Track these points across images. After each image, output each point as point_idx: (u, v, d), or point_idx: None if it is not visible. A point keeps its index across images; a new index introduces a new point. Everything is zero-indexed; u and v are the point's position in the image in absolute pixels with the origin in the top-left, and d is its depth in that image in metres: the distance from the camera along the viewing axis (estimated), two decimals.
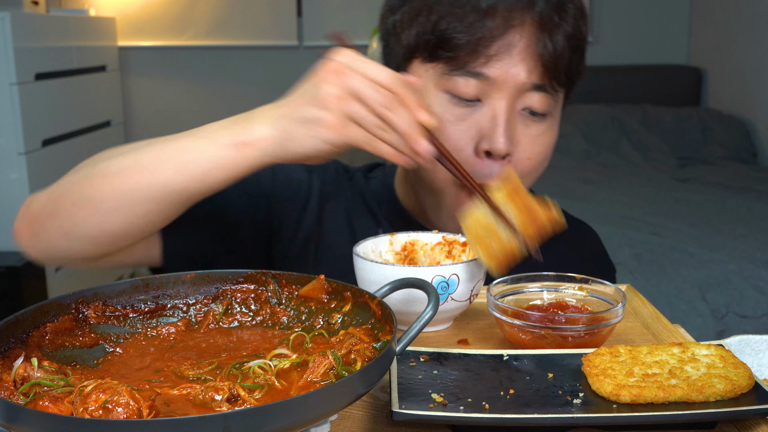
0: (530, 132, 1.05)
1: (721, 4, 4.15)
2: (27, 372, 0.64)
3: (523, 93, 1.03)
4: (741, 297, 2.33)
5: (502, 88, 1.02)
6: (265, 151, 0.87)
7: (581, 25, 1.05)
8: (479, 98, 1.03)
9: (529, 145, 1.05)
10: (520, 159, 1.05)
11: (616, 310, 0.85)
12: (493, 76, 1.01)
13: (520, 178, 1.05)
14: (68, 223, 0.95)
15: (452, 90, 1.03)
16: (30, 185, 2.99)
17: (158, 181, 0.90)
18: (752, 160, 3.87)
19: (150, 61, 4.16)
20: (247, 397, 0.61)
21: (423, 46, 1.04)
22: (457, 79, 1.02)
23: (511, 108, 1.03)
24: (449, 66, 1.02)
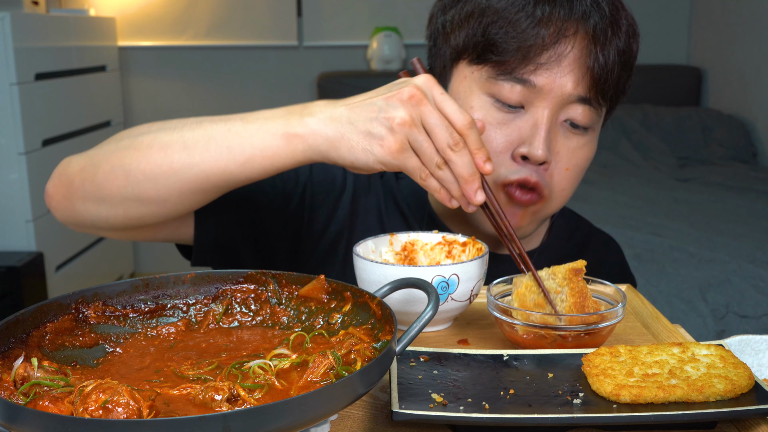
0: (570, 144, 1.06)
1: (721, 4, 4.15)
2: (27, 372, 0.64)
3: (568, 104, 1.03)
4: (741, 297, 2.33)
5: (547, 97, 1.02)
6: (315, 148, 0.87)
7: (633, 42, 1.06)
8: (523, 105, 1.03)
9: (568, 157, 1.06)
10: (559, 169, 1.06)
11: (616, 310, 0.85)
12: (539, 84, 1.01)
13: (558, 190, 1.07)
14: (104, 189, 0.94)
15: (497, 94, 1.03)
16: (30, 185, 2.99)
17: (200, 160, 0.90)
18: (752, 160, 3.87)
19: (150, 61, 4.17)
20: (247, 397, 0.61)
21: (472, 48, 1.04)
22: (502, 83, 1.02)
23: (554, 118, 1.03)
24: (496, 70, 1.02)
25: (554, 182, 1.06)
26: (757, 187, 3.25)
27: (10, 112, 2.92)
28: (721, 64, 4.18)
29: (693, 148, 3.91)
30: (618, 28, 1.03)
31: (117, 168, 0.93)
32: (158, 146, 0.92)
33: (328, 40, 4.27)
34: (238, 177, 0.91)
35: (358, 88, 0.93)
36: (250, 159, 0.88)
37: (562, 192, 1.08)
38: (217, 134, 0.90)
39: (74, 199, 0.98)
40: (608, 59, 1.02)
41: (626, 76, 1.07)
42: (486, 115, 1.04)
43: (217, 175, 0.90)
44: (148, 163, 0.92)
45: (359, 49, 4.27)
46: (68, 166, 1.00)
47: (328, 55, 4.25)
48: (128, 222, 0.97)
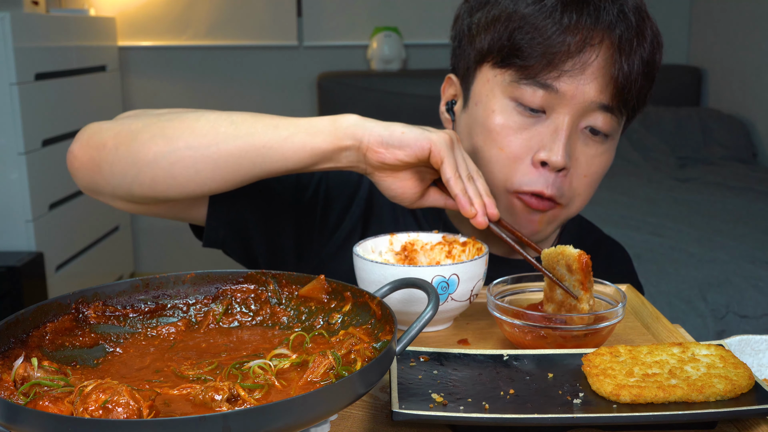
0: (589, 151, 1.06)
1: (721, 4, 4.15)
2: (27, 372, 0.64)
3: (589, 112, 1.03)
4: (741, 297, 2.33)
5: (570, 103, 1.02)
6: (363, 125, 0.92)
7: (657, 53, 1.06)
8: (544, 110, 1.04)
9: (587, 164, 1.06)
10: (577, 176, 1.06)
11: (616, 310, 0.85)
12: (562, 90, 1.01)
13: (575, 196, 1.08)
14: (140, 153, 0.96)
15: (519, 98, 1.04)
16: (30, 185, 2.99)
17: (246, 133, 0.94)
18: (752, 160, 3.87)
19: (150, 61, 4.16)
20: (247, 397, 0.61)
21: (497, 52, 1.04)
22: (525, 88, 1.03)
23: (575, 125, 1.04)
24: (520, 74, 1.03)
25: (573, 189, 1.07)
26: (757, 187, 3.25)
27: (10, 112, 2.92)
28: (721, 64, 4.18)
29: (693, 148, 3.91)
30: (643, 38, 1.03)
31: (158, 136, 0.96)
32: (204, 120, 0.96)
33: (328, 40, 4.27)
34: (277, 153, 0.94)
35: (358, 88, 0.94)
36: (293, 135, 0.93)
37: (579, 198, 1.09)
38: (263, 118, 0.96)
39: (103, 163, 0.99)
40: (632, 69, 1.02)
41: (648, 86, 1.07)
42: (507, 119, 1.04)
43: (258, 149, 0.93)
44: (193, 133, 0.95)
45: (359, 49, 4.27)
46: (99, 131, 1.01)
47: (328, 55, 4.25)
48: (150, 193, 0.98)
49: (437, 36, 4.17)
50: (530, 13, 1.01)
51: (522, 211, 1.07)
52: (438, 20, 4.09)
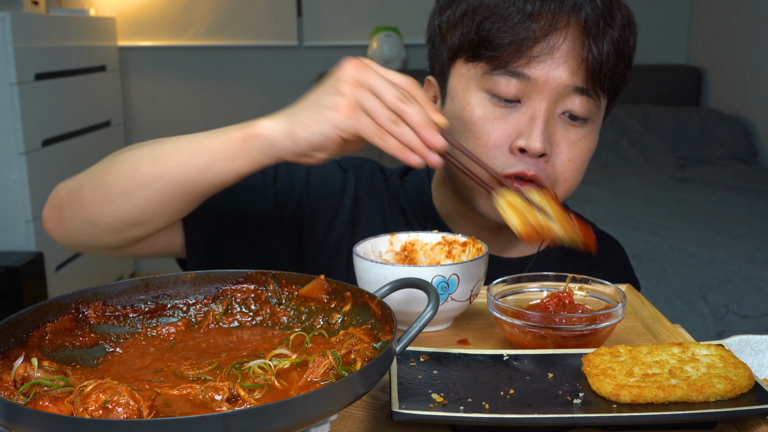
0: (570, 136, 1.06)
1: (721, 4, 4.15)
2: (27, 372, 0.64)
3: (565, 96, 1.04)
4: (741, 297, 2.33)
5: (543, 89, 1.02)
6: (273, 142, 0.87)
7: (629, 33, 1.07)
8: (519, 99, 1.04)
9: (569, 148, 1.06)
10: (561, 161, 1.06)
11: (616, 310, 0.85)
12: (534, 77, 1.02)
13: (561, 180, 1.07)
14: (87, 209, 0.97)
15: (493, 90, 1.04)
16: (30, 185, 2.99)
17: (167, 170, 0.92)
18: (752, 160, 3.87)
19: (150, 61, 4.16)
20: (247, 397, 0.61)
21: (467, 46, 1.05)
22: (498, 78, 1.03)
23: (551, 110, 1.04)
24: (491, 65, 1.03)
25: (557, 173, 1.06)
26: (757, 187, 3.25)
27: (10, 112, 2.92)
28: (721, 64, 4.18)
29: (693, 148, 3.91)
30: (612, 19, 1.03)
31: (97, 187, 0.97)
32: (131, 162, 0.95)
33: (328, 40, 4.26)
34: (202, 183, 0.92)
35: None
36: (212, 164, 0.90)
37: (566, 183, 1.08)
38: (182, 145, 0.93)
39: (65, 222, 1.02)
40: (602, 50, 1.02)
41: (624, 66, 1.07)
42: (483, 111, 1.05)
43: (182, 183, 0.92)
44: (122, 178, 0.95)
45: (359, 49, 4.27)
46: (59, 191, 1.03)
47: (328, 55, 4.25)
48: (117, 240, 1.00)
49: None
50: (495, 3, 1.02)
51: None
52: None
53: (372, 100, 0.83)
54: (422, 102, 0.85)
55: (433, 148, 0.83)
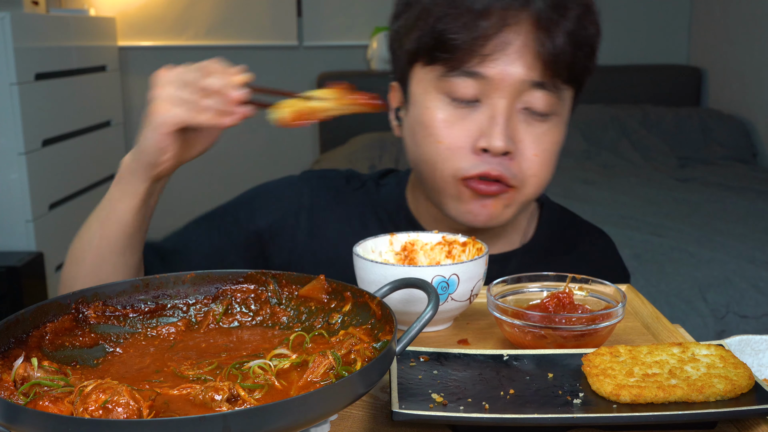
0: (534, 131, 1.05)
1: (721, 4, 4.15)
2: (27, 372, 0.64)
3: (524, 91, 1.03)
4: (741, 297, 2.33)
5: (500, 87, 1.02)
6: (131, 168, 0.97)
7: (586, 23, 1.05)
8: (478, 99, 1.03)
9: (534, 144, 1.05)
10: (526, 157, 1.05)
11: (616, 310, 0.85)
12: (489, 75, 1.01)
13: (529, 177, 1.06)
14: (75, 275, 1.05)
15: (451, 91, 1.04)
16: (30, 185, 2.99)
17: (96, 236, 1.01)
18: (752, 160, 3.87)
19: (150, 61, 4.16)
20: (247, 397, 0.61)
21: (423, 50, 1.05)
22: (455, 80, 1.03)
23: (511, 107, 1.03)
24: (447, 67, 1.03)
25: (523, 169, 1.05)
26: (757, 187, 3.25)
27: (10, 112, 2.92)
28: (721, 64, 4.18)
29: (693, 148, 3.91)
30: (565, 9, 1.02)
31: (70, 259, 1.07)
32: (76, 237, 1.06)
33: (328, 40, 4.26)
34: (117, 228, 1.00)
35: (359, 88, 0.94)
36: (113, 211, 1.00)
37: (534, 178, 1.07)
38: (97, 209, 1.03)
39: None
40: (557, 43, 1.01)
41: (583, 56, 1.05)
42: (443, 114, 1.04)
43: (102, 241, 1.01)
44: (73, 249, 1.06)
45: (359, 49, 4.27)
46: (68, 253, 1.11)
47: (328, 55, 4.25)
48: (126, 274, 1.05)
49: None
50: (446, 5, 1.02)
51: (472, 199, 1.06)
52: None
53: (175, 90, 0.91)
54: (220, 70, 0.91)
55: (237, 102, 0.89)
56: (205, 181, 4.16)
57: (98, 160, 3.67)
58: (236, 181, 4.18)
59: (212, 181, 4.17)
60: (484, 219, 1.08)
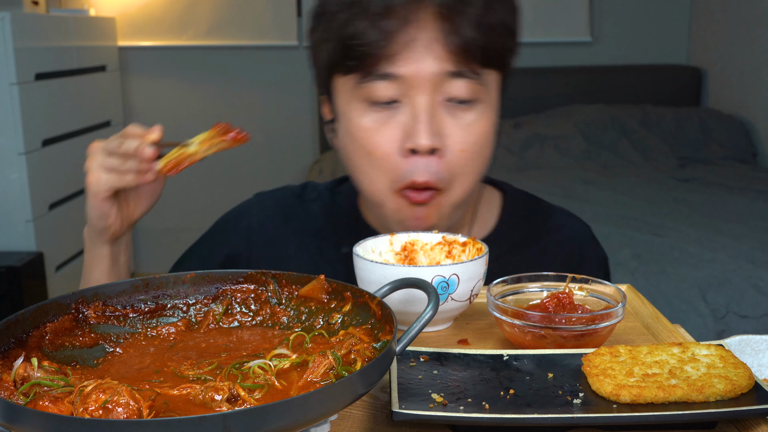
0: (460, 122, 1.04)
1: (721, 4, 4.15)
2: (27, 372, 0.64)
3: (442, 84, 1.02)
4: (741, 297, 2.33)
5: (416, 84, 1.01)
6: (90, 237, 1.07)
7: (496, 5, 1.03)
8: (397, 99, 1.03)
9: (461, 136, 1.04)
10: (453, 152, 1.04)
11: (616, 310, 0.85)
12: (403, 74, 1.01)
13: (458, 174, 1.05)
14: None
15: (370, 97, 1.03)
16: (30, 185, 2.99)
17: None
18: (752, 160, 3.87)
19: (150, 61, 4.16)
20: (247, 397, 0.61)
21: (336, 60, 1.05)
22: (370, 85, 1.02)
23: (432, 102, 1.02)
24: (360, 74, 1.03)
25: (452, 168, 1.04)
26: (757, 187, 3.25)
27: (10, 112, 2.92)
28: (721, 64, 4.18)
29: (693, 148, 3.91)
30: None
31: None
32: None
33: None
34: None
35: None
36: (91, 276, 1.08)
37: (464, 175, 1.06)
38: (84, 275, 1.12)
39: None
40: (463, 32, 1.00)
41: (497, 39, 1.04)
42: (366, 121, 1.04)
43: None
44: None
45: None
46: None
47: None
48: None
49: None
50: (349, 12, 1.02)
51: (408, 208, 1.06)
52: None
53: (103, 158, 1.00)
54: (136, 134, 0.99)
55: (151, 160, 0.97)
56: (208, 182, 4.16)
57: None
58: (237, 181, 4.19)
59: (214, 182, 4.17)
60: (425, 226, 1.08)
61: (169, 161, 0.94)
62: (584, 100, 4.12)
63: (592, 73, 4.24)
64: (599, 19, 4.30)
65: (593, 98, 4.13)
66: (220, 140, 0.92)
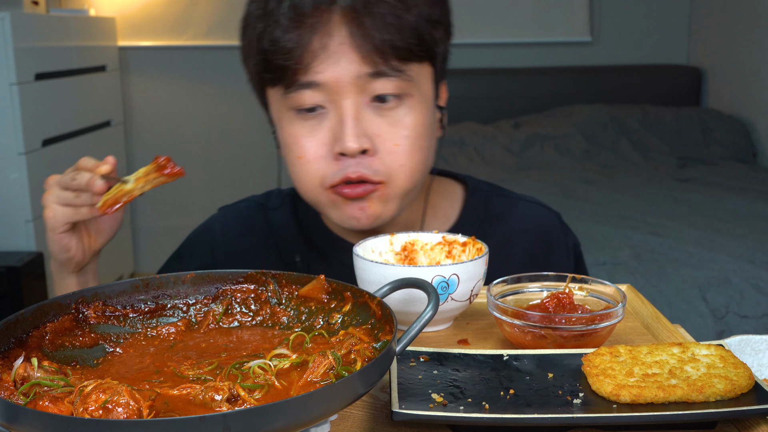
0: (389, 119, 1.04)
1: (721, 4, 4.15)
2: (27, 372, 0.64)
3: (365, 85, 1.01)
4: (741, 297, 2.33)
5: (337, 88, 1.01)
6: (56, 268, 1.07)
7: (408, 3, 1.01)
8: (323, 105, 1.03)
9: (392, 133, 1.03)
10: (386, 150, 1.04)
11: (616, 310, 0.85)
12: (323, 81, 1.01)
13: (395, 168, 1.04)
14: None
15: (296, 105, 1.04)
16: (30, 185, 2.99)
17: None
18: (752, 160, 3.87)
19: (150, 61, 4.16)
20: (247, 397, 0.61)
21: (262, 74, 1.06)
22: (294, 94, 1.03)
23: (357, 104, 1.02)
24: (284, 85, 1.04)
25: (387, 163, 1.04)
26: (757, 187, 3.25)
27: (10, 112, 2.92)
28: (721, 64, 4.18)
29: (693, 148, 3.91)
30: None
31: None
32: None
33: None
34: None
35: None
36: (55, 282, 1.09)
37: (402, 168, 1.05)
38: None
39: None
40: (377, 29, 0.99)
41: (415, 35, 1.01)
42: (296, 129, 1.05)
43: None
44: None
45: None
46: None
47: None
48: None
49: None
50: (264, 23, 1.03)
51: (345, 204, 1.06)
52: None
53: (58, 192, 0.99)
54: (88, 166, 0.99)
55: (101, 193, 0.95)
56: (208, 182, 4.16)
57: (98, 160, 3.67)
58: (236, 180, 4.19)
59: (214, 182, 4.17)
60: (367, 221, 1.07)
61: (108, 199, 0.93)
62: (584, 100, 4.12)
63: (592, 73, 4.24)
64: (599, 19, 4.30)
65: (593, 98, 4.13)
66: (156, 176, 0.91)
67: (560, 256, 1.21)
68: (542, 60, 4.31)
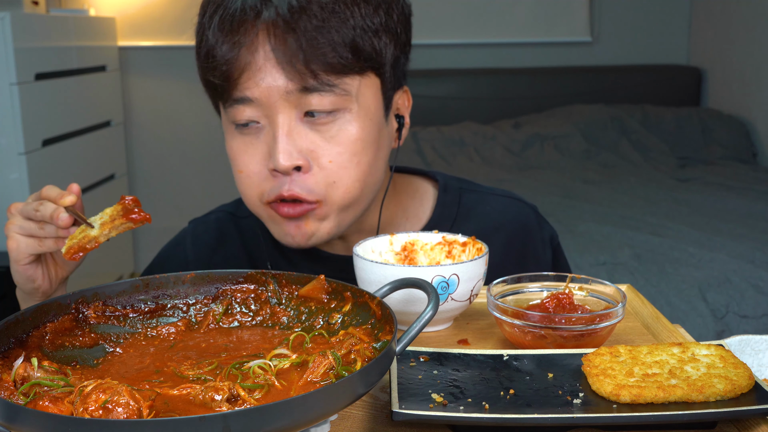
0: (324, 135, 1.01)
1: (721, 4, 4.15)
2: (27, 372, 0.64)
3: (297, 100, 0.99)
4: (741, 297, 2.33)
5: (268, 104, 1.00)
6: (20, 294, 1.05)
7: (341, 7, 0.98)
8: (257, 121, 1.02)
9: (327, 149, 1.01)
10: (321, 166, 1.01)
11: (616, 310, 0.85)
12: (254, 97, 1.00)
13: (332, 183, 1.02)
14: None
15: (234, 120, 1.04)
16: (30, 185, 2.99)
17: None
18: (752, 160, 3.87)
19: (150, 61, 4.16)
20: (247, 397, 0.61)
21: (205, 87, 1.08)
22: (231, 109, 1.03)
23: (290, 120, 1.00)
24: (223, 100, 1.04)
25: (321, 180, 1.01)
26: (757, 187, 3.25)
27: (10, 112, 2.92)
28: (721, 64, 4.18)
29: (693, 148, 3.91)
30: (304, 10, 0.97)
31: None
32: None
33: None
34: None
35: None
36: None
37: (336, 185, 1.02)
38: None
39: None
40: (302, 43, 0.96)
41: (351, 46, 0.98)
42: (236, 143, 1.05)
43: None
44: None
45: None
46: None
47: None
48: None
49: (436, 36, 4.17)
50: (199, 36, 1.03)
51: (282, 221, 1.05)
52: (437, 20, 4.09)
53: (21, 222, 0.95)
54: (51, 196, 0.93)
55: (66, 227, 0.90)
56: (208, 182, 4.16)
57: (98, 160, 3.67)
58: None
59: (214, 182, 4.17)
60: (302, 239, 1.05)
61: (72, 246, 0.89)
62: (584, 100, 4.12)
63: (592, 73, 4.24)
64: (599, 19, 4.30)
65: (593, 98, 4.13)
66: (122, 222, 0.88)
67: (536, 249, 1.20)
68: (542, 60, 4.30)
